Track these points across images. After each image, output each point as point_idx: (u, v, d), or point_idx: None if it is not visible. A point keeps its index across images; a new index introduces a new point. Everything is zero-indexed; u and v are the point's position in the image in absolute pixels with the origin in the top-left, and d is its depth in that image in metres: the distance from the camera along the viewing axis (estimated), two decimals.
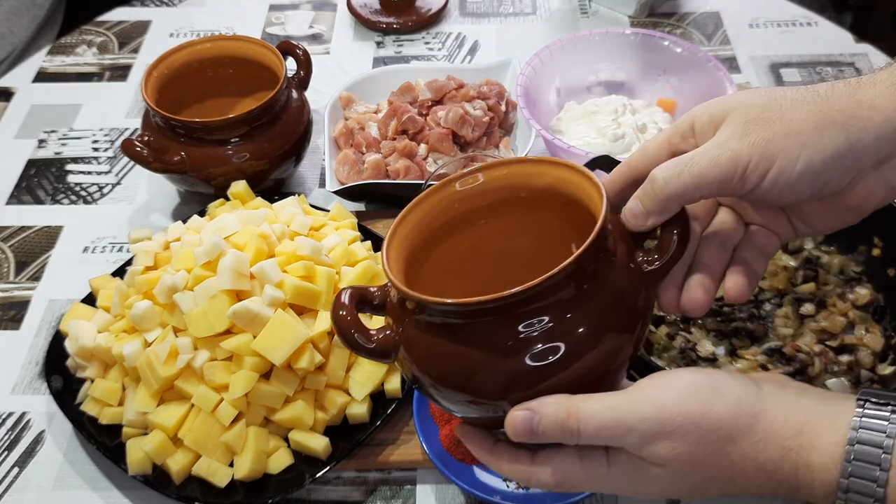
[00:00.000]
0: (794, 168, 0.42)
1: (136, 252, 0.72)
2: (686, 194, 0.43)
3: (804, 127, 0.42)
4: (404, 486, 0.67)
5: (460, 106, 0.89)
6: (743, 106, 0.44)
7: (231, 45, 0.89)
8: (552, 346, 0.42)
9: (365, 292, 0.48)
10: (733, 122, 0.43)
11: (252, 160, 0.82)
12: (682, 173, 0.43)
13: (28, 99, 1.06)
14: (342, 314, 0.46)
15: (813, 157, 0.42)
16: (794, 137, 0.42)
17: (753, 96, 0.44)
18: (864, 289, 0.71)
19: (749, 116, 0.43)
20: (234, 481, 0.64)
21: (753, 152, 0.42)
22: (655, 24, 1.13)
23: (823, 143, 0.42)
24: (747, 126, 0.43)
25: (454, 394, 0.44)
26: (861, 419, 0.40)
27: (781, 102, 0.43)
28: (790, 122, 0.42)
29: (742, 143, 0.42)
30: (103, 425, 0.67)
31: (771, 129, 0.42)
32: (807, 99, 0.43)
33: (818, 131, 0.42)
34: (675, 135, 0.47)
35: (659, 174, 0.43)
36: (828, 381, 0.65)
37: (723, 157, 0.42)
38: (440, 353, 0.44)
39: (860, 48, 1.08)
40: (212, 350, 0.64)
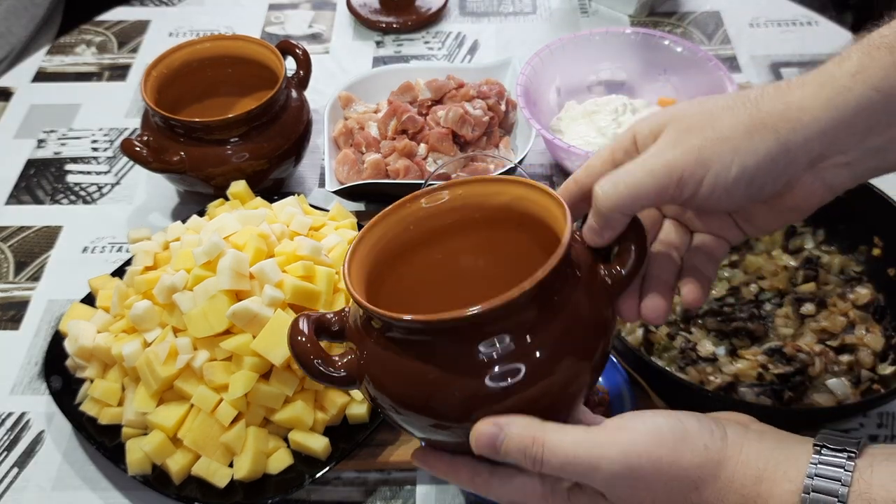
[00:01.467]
0: (730, 173, 0.43)
1: (136, 252, 0.72)
2: (625, 205, 0.44)
3: (735, 132, 0.43)
4: (404, 487, 0.67)
5: (460, 105, 0.89)
6: (677, 117, 0.44)
7: (230, 44, 0.89)
8: (515, 366, 0.41)
9: (322, 318, 0.47)
10: (668, 133, 0.44)
11: (251, 160, 0.82)
12: (618, 184, 0.43)
13: (27, 99, 1.06)
14: (302, 340, 0.45)
15: (746, 160, 0.42)
16: (726, 142, 0.42)
17: (689, 107, 0.45)
18: (865, 289, 0.71)
19: (683, 126, 0.44)
20: (234, 482, 0.64)
21: (688, 160, 0.43)
22: (656, 24, 1.13)
23: (755, 147, 0.42)
24: (680, 135, 0.43)
25: (417, 417, 0.43)
26: (817, 466, 0.41)
27: (713, 110, 0.44)
28: (721, 129, 0.43)
29: (675, 151, 0.43)
30: (103, 425, 0.66)
31: (703, 136, 0.43)
32: (737, 105, 0.44)
33: (749, 135, 0.42)
34: (617, 150, 0.47)
35: (598, 188, 0.44)
36: (828, 381, 0.65)
37: (657, 165, 0.43)
38: (403, 372, 0.43)
39: None
40: (211, 350, 0.64)
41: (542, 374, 0.42)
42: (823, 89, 0.43)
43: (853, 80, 0.43)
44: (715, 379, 0.66)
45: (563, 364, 0.42)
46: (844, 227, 0.74)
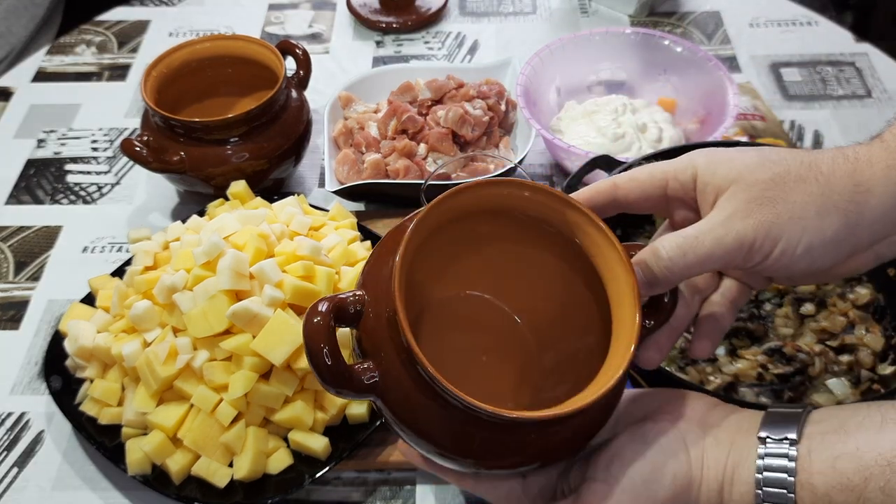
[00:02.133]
0: (796, 251, 0.43)
1: (136, 252, 0.72)
2: (690, 273, 0.44)
3: (806, 211, 0.43)
4: (404, 487, 0.67)
5: (460, 105, 0.89)
6: (746, 180, 0.44)
7: (230, 44, 0.89)
8: (541, 446, 0.43)
9: (342, 304, 0.42)
10: (736, 198, 0.44)
11: (251, 160, 0.82)
12: (688, 255, 0.43)
13: (27, 99, 1.06)
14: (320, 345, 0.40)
15: (813, 240, 0.43)
16: (797, 221, 0.43)
17: (756, 169, 0.44)
18: (865, 288, 0.71)
19: (753, 194, 0.43)
20: (234, 481, 0.64)
21: (758, 234, 0.43)
22: (656, 24, 1.13)
23: (824, 228, 0.43)
24: (751, 205, 0.43)
25: (426, 448, 0.43)
26: (763, 460, 0.42)
27: (785, 180, 0.43)
28: (793, 205, 0.43)
29: (746, 223, 0.43)
30: (103, 425, 0.66)
31: (775, 212, 0.43)
32: (809, 178, 0.43)
33: (819, 216, 0.43)
34: (674, 179, 0.47)
35: (665, 253, 0.43)
36: (828, 381, 0.65)
37: (727, 237, 0.43)
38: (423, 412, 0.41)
39: (860, 48, 1.07)
40: (211, 350, 0.64)
41: (558, 449, 0.44)
42: (890, 173, 0.43)
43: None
44: (715, 379, 0.65)
45: (584, 433, 0.44)
46: None
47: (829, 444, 0.41)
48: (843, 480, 0.39)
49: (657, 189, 0.47)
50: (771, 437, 0.42)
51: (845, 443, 0.40)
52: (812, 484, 0.40)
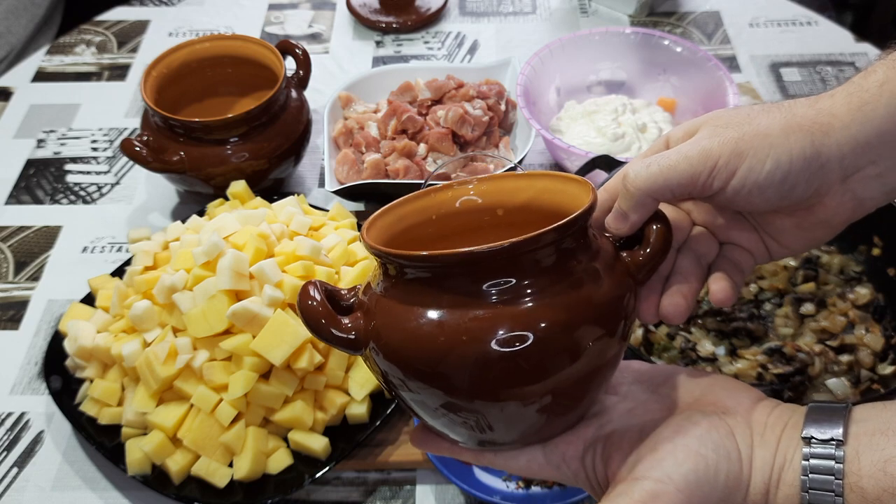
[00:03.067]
0: (763, 167, 0.43)
1: (136, 252, 0.72)
2: (657, 187, 0.44)
3: (771, 129, 0.44)
4: (404, 487, 0.67)
5: (460, 105, 0.89)
6: (712, 117, 0.46)
7: (230, 44, 0.89)
8: (527, 329, 0.40)
9: (334, 289, 0.45)
10: (704, 129, 0.45)
11: (251, 160, 0.82)
12: (651, 165, 0.44)
13: (27, 98, 1.06)
14: (312, 304, 0.43)
15: (780, 156, 0.43)
16: (763, 138, 0.43)
17: (723, 112, 0.46)
18: (865, 288, 0.71)
19: (719, 122, 0.45)
20: (234, 482, 0.64)
21: (723, 149, 0.43)
22: (655, 24, 1.13)
23: (790, 145, 0.43)
24: (717, 128, 0.44)
25: (428, 388, 0.42)
26: (809, 462, 0.41)
27: (749, 111, 0.45)
28: (758, 125, 0.44)
29: (712, 141, 0.44)
30: (102, 425, 0.66)
31: (740, 130, 0.44)
32: (772, 109, 0.45)
33: (785, 134, 0.43)
34: (649, 153, 0.48)
35: (629, 168, 0.45)
36: (828, 381, 0.65)
37: (692, 151, 0.44)
38: (414, 327, 0.41)
39: (860, 47, 1.07)
40: (211, 350, 0.64)
41: (556, 343, 0.40)
42: (851, 98, 0.44)
43: (880, 90, 0.44)
44: None
45: (580, 335, 0.41)
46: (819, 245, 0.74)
47: (878, 445, 0.40)
48: (894, 484, 0.38)
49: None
50: (816, 438, 0.42)
51: (895, 445, 0.39)
52: (861, 487, 0.39)
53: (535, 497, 0.63)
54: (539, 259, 0.40)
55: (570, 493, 0.62)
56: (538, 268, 0.40)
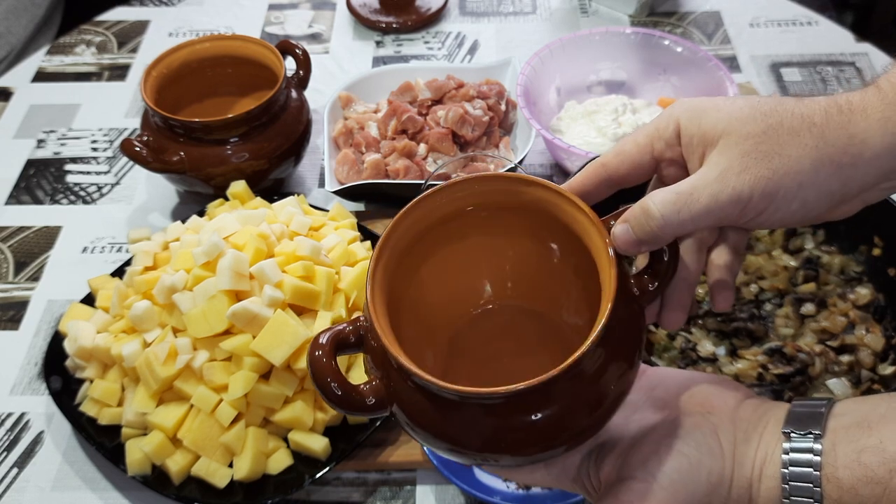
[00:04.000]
0: (791, 206, 0.43)
1: (135, 252, 0.72)
2: (684, 230, 0.43)
3: (802, 165, 0.42)
4: (404, 487, 0.67)
5: (460, 105, 0.89)
6: (738, 132, 0.43)
7: (230, 44, 0.89)
8: (553, 423, 0.41)
9: (339, 336, 0.44)
10: (729, 152, 0.42)
11: (251, 160, 0.82)
12: (682, 212, 0.42)
13: (27, 99, 1.05)
14: (326, 379, 0.42)
15: (808, 195, 0.43)
16: (793, 176, 0.42)
17: (748, 121, 0.43)
18: (865, 289, 0.71)
19: (746, 148, 0.42)
20: (234, 482, 0.64)
21: (755, 191, 0.42)
22: (656, 24, 1.12)
23: (819, 182, 0.42)
24: (745, 160, 0.42)
25: (442, 449, 0.43)
26: (789, 455, 0.42)
27: (778, 132, 0.42)
28: (788, 159, 0.42)
29: (742, 179, 0.42)
30: (102, 426, 0.66)
31: (770, 167, 0.42)
32: (802, 131, 0.42)
33: (815, 170, 0.42)
34: (657, 139, 0.46)
35: (657, 210, 0.42)
36: (828, 382, 0.65)
37: (723, 194, 0.42)
38: (431, 417, 0.41)
39: (861, 47, 1.07)
40: (211, 350, 0.64)
41: (579, 424, 0.42)
42: (888, 124, 0.42)
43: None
44: None
45: (603, 404, 0.42)
46: (844, 227, 0.74)
47: (853, 437, 0.41)
48: (868, 473, 0.39)
49: (645, 155, 0.46)
50: (795, 432, 0.42)
51: (869, 436, 0.40)
52: (838, 478, 0.40)
53: (535, 497, 0.63)
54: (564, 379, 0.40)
55: (571, 493, 0.62)
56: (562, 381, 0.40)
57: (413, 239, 0.47)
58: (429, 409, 0.41)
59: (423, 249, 0.48)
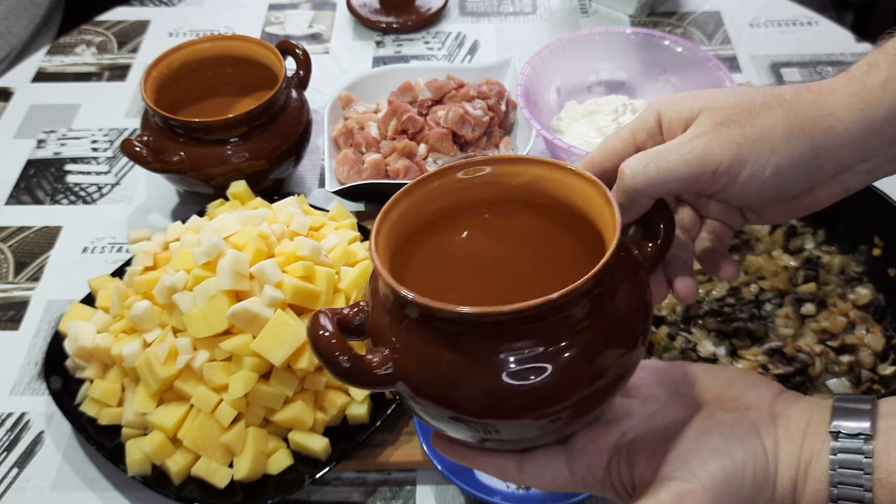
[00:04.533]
0: (764, 173, 0.43)
1: (136, 252, 0.72)
2: (653, 187, 0.43)
3: (773, 132, 0.43)
4: (404, 487, 0.67)
5: (460, 106, 0.89)
6: (712, 107, 0.44)
7: (230, 44, 0.89)
8: (565, 364, 0.40)
9: (342, 315, 0.43)
10: (704, 122, 0.44)
11: (251, 160, 0.82)
12: (649, 166, 0.43)
13: (27, 99, 1.06)
14: (331, 341, 0.40)
15: (781, 162, 0.43)
16: (765, 143, 0.43)
17: (722, 97, 0.44)
18: (865, 289, 0.71)
19: (720, 118, 0.43)
20: (234, 482, 0.64)
21: (725, 154, 0.42)
22: (656, 24, 1.12)
23: (791, 150, 0.43)
24: (718, 127, 0.43)
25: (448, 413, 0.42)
26: (837, 456, 0.41)
27: (751, 106, 0.43)
28: (760, 127, 0.43)
29: (712, 142, 0.43)
30: (102, 426, 0.66)
31: (742, 133, 0.43)
32: (774, 104, 0.43)
33: (786, 138, 0.43)
34: (640, 131, 0.47)
35: (626, 167, 0.44)
36: (828, 382, 0.65)
37: (692, 154, 0.43)
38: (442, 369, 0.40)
39: (861, 48, 1.07)
40: (211, 350, 0.64)
41: (587, 374, 0.40)
42: (855, 99, 0.43)
43: (883, 90, 0.43)
44: None
45: (608, 359, 0.41)
46: (844, 227, 0.74)
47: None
48: None
49: (629, 147, 0.47)
50: (843, 432, 0.41)
51: None
52: (892, 483, 0.39)
53: (535, 497, 0.63)
54: (569, 304, 0.39)
55: (571, 493, 0.62)
56: (569, 308, 0.40)
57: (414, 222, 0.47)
58: (433, 359, 0.40)
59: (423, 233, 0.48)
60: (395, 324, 0.42)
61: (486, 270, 0.52)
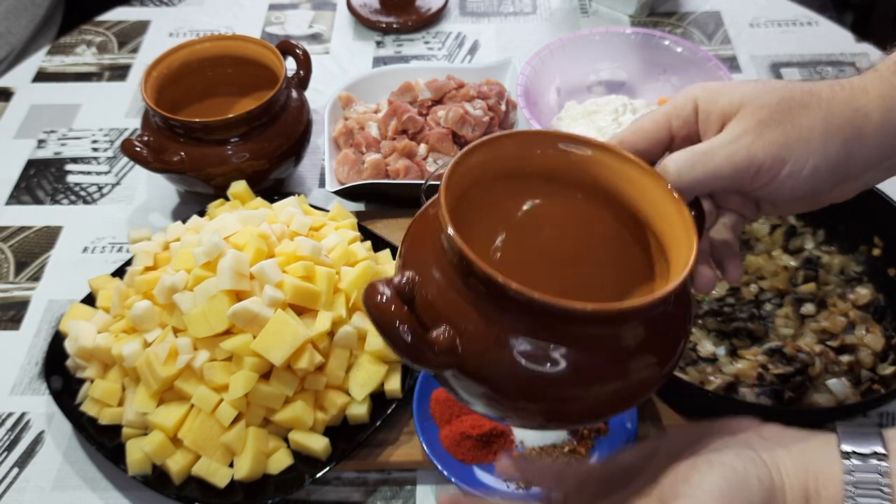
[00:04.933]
0: (802, 173, 0.44)
1: (136, 252, 0.72)
2: (698, 187, 0.44)
3: (812, 134, 0.44)
4: (404, 487, 0.67)
5: (460, 106, 0.89)
6: (754, 104, 0.45)
7: (230, 44, 0.89)
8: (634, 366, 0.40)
9: (397, 284, 0.40)
10: (746, 120, 0.44)
11: (251, 160, 0.82)
12: (696, 167, 0.44)
13: (27, 99, 1.06)
14: (390, 308, 0.38)
15: (819, 164, 0.44)
16: (804, 144, 0.44)
17: (763, 94, 0.45)
18: (865, 289, 0.71)
19: (762, 116, 0.44)
20: (234, 482, 0.64)
21: (768, 155, 0.44)
22: (656, 24, 1.13)
23: (827, 152, 0.44)
24: (761, 126, 0.44)
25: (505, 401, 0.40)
26: (853, 475, 0.40)
27: (790, 104, 0.44)
28: (800, 128, 0.44)
29: (757, 143, 0.44)
30: (103, 426, 0.66)
31: (783, 133, 0.44)
32: (812, 104, 0.45)
33: (823, 139, 0.44)
34: (675, 117, 0.47)
35: (673, 166, 0.44)
36: (828, 382, 0.65)
37: (738, 155, 0.44)
38: (508, 365, 0.39)
39: (861, 48, 1.07)
40: (211, 350, 0.64)
41: (648, 377, 0.41)
42: (885, 100, 0.45)
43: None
44: (715, 379, 0.65)
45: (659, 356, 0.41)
46: (844, 228, 0.74)
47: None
48: None
49: (662, 132, 0.47)
50: (857, 452, 0.41)
51: None
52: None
53: (535, 497, 0.63)
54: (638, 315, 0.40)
55: None
56: (636, 318, 0.40)
57: (470, 183, 0.45)
58: (506, 347, 0.38)
59: (478, 199, 0.47)
60: (462, 302, 0.39)
61: (530, 248, 0.51)
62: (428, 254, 0.41)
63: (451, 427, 0.66)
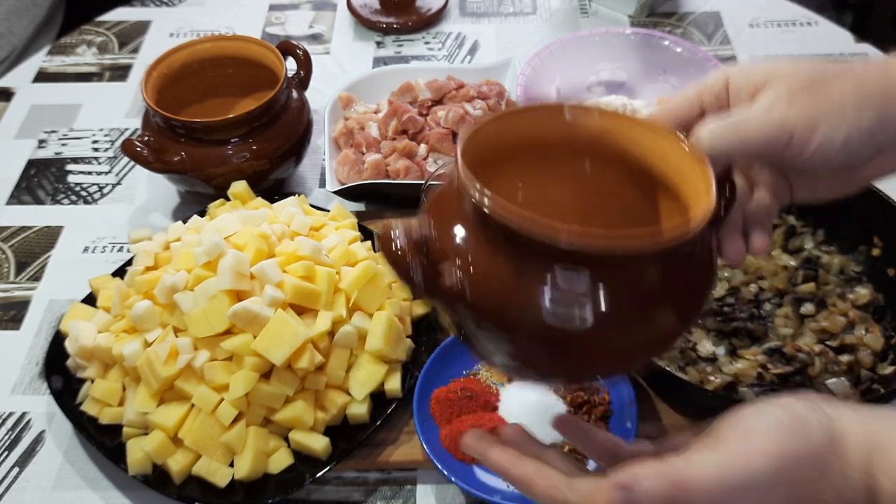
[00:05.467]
0: (835, 141, 0.44)
1: (137, 252, 0.72)
2: (731, 154, 0.44)
3: (846, 102, 0.44)
4: (404, 487, 0.67)
5: (460, 106, 0.89)
6: (782, 75, 0.45)
7: (231, 45, 0.89)
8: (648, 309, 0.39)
9: (409, 226, 0.41)
10: (777, 89, 0.44)
11: (252, 160, 0.82)
12: (729, 135, 0.44)
13: (28, 99, 1.06)
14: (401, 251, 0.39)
15: (852, 132, 0.44)
16: (837, 112, 0.44)
17: (794, 66, 0.45)
18: (865, 288, 0.71)
19: (794, 86, 0.44)
20: (234, 481, 0.64)
21: (799, 122, 0.43)
22: (655, 24, 1.13)
23: (861, 119, 0.44)
24: (793, 95, 0.44)
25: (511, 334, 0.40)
26: None
27: (824, 76, 0.44)
28: (833, 96, 0.44)
29: (789, 111, 0.44)
30: (103, 425, 0.67)
31: (815, 102, 0.44)
32: (845, 75, 0.45)
33: (857, 109, 0.44)
34: (706, 93, 0.47)
35: (706, 135, 0.44)
36: (828, 381, 0.65)
37: (771, 122, 0.44)
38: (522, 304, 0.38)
39: (860, 48, 1.08)
40: (212, 350, 0.64)
41: (662, 321, 0.41)
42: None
43: None
44: (715, 379, 0.66)
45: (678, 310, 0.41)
46: (844, 228, 0.74)
47: None
48: None
49: (694, 108, 0.48)
50: None
51: None
52: None
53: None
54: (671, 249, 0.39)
55: None
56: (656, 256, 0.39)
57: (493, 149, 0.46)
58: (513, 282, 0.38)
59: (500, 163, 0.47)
60: (470, 240, 0.41)
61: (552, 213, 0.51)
62: (445, 207, 0.43)
63: (451, 427, 0.66)
